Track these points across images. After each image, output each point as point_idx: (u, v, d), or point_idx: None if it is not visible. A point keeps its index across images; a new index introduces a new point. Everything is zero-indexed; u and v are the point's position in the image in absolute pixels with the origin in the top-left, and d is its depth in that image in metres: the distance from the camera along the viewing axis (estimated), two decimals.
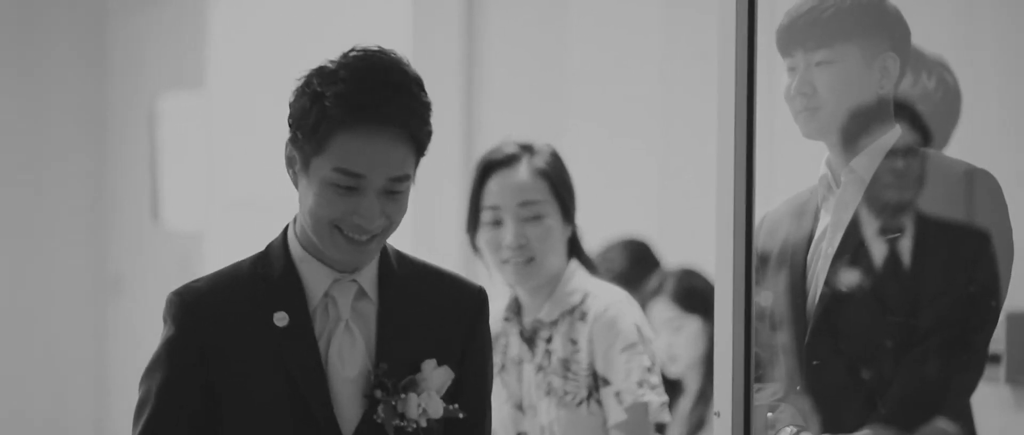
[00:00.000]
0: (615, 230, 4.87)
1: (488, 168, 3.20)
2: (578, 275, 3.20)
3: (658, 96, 5.42)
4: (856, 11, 2.68)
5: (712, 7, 2.60)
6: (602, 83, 5.64)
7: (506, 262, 3.16)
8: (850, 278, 2.64)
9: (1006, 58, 2.70)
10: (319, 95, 2.41)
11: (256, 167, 7.10)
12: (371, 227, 2.43)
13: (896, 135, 2.65)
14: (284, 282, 2.49)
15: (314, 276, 2.50)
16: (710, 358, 4.11)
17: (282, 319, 2.47)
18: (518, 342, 3.21)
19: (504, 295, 3.24)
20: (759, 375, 2.64)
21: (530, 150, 3.20)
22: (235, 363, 2.46)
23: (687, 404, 4.25)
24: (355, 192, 2.42)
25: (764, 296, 2.68)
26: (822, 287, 2.66)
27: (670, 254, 4.86)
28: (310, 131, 2.41)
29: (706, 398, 4.19)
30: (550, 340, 3.17)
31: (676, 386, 4.23)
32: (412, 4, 6.32)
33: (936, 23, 2.80)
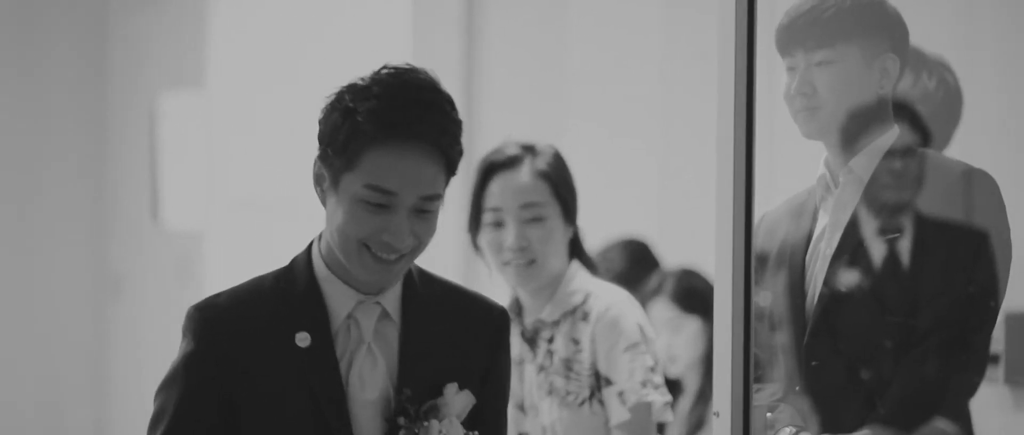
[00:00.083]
0: (615, 230, 4.86)
1: (490, 169, 3.19)
2: (580, 275, 3.19)
3: (658, 96, 5.42)
4: (857, 11, 2.68)
5: (712, 7, 2.60)
6: (602, 83, 5.64)
7: (507, 264, 3.16)
8: (849, 278, 2.64)
9: (1006, 58, 2.71)
10: (351, 111, 2.38)
11: (256, 167, 7.09)
12: (400, 246, 2.40)
13: (894, 135, 2.65)
14: (307, 301, 2.46)
15: (338, 297, 2.46)
16: (709, 358, 4.10)
17: (304, 340, 2.44)
18: (519, 342, 3.21)
19: (505, 295, 3.24)
20: (758, 375, 2.64)
21: (532, 151, 3.19)
22: (255, 381, 2.42)
23: (686, 404, 4.25)
24: (385, 210, 2.38)
25: (763, 296, 2.68)
26: (821, 287, 2.66)
27: (670, 254, 4.86)
28: (341, 147, 2.38)
29: (705, 398, 4.19)
30: (552, 340, 3.17)
31: (675, 386, 4.23)
32: (412, 4, 6.32)
33: (936, 23, 2.80)
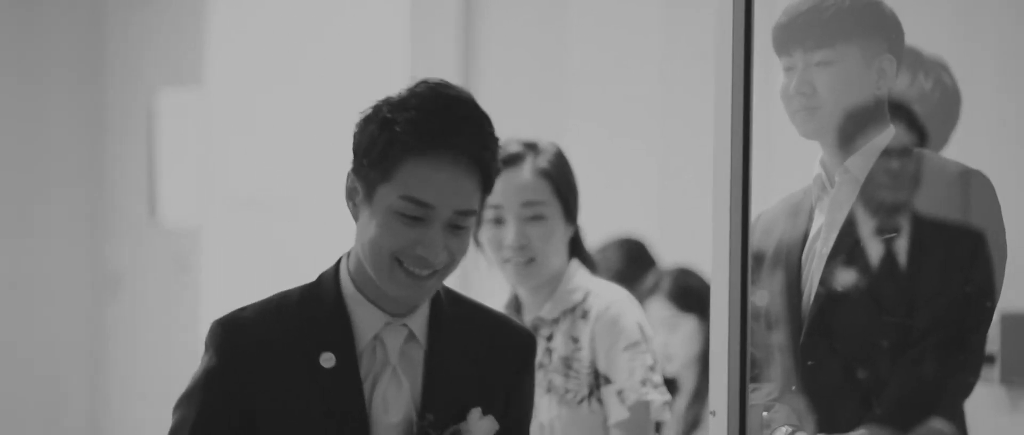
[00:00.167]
0: (614, 229, 4.87)
1: None
2: (579, 274, 3.19)
3: (658, 96, 5.42)
4: (856, 11, 2.68)
5: (711, 7, 2.59)
6: (602, 83, 5.64)
7: (507, 261, 3.16)
8: (845, 278, 2.64)
9: (1005, 58, 2.71)
10: (389, 121, 2.36)
11: (255, 165, 7.09)
12: (434, 261, 2.37)
13: (891, 135, 2.64)
14: (333, 321, 2.43)
15: (364, 318, 2.43)
16: (706, 357, 4.08)
17: (329, 360, 2.41)
18: None
19: (504, 292, 3.24)
20: (755, 375, 2.64)
21: (534, 149, 3.18)
22: (276, 399, 2.40)
23: (682, 403, 4.25)
24: (421, 223, 2.36)
25: (759, 296, 2.68)
26: (817, 287, 2.66)
27: (671, 253, 4.86)
28: (378, 158, 2.35)
29: (702, 397, 4.19)
30: (551, 338, 3.17)
31: (672, 385, 4.23)
32: (410, 4, 6.31)
33: (936, 23, 2.80)
